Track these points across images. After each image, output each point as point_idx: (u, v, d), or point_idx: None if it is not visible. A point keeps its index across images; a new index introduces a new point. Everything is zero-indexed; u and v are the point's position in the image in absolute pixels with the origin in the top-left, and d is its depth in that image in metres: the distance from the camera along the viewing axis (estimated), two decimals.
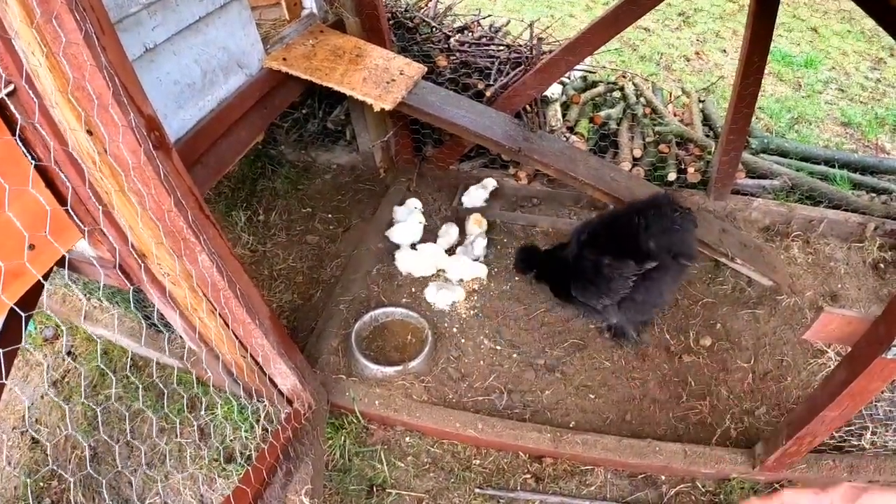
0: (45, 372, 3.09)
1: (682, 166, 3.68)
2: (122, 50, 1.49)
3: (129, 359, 3.04)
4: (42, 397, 2.98)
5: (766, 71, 3.12)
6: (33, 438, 2.84)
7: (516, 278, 3.26)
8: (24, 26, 1.24)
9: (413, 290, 3.24)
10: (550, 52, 3.60)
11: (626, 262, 2.58)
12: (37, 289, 1.53)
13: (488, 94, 3.54)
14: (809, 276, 3.32)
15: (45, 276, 1.49)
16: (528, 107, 3.64)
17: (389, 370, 2.74)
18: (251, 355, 2.24)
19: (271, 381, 2.36)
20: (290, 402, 2.44)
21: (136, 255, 1.77)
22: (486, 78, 3.67)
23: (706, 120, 4.17)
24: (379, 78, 3.01)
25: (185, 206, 1.72)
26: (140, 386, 2.86)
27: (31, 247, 1.41)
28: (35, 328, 3.23)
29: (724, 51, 6.13)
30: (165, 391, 2.76)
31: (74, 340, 3.21)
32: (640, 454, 2.45)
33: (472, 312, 3.11)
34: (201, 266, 1.85)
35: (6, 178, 1.31)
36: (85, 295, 3.17)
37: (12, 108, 1.34)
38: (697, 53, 6.08)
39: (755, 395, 2.76)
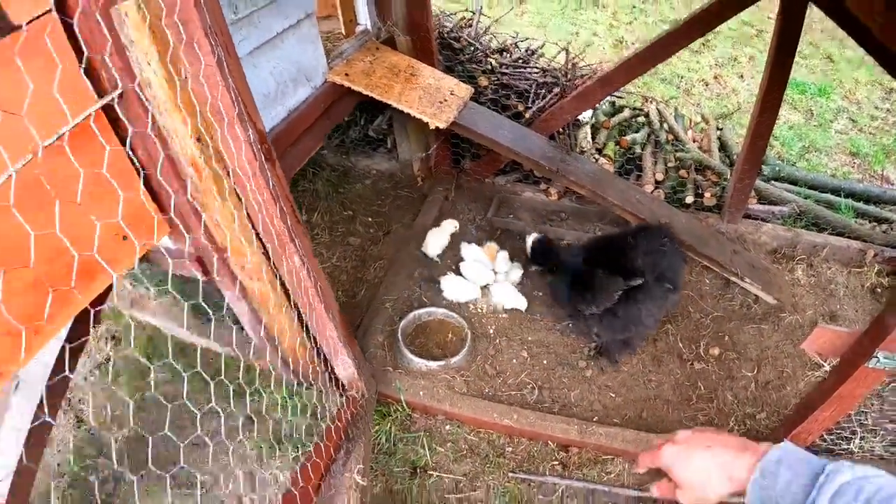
0: (89, 354, 3.21)
1: (700, 191, 3.93)
2: (243, 70, 1.67)
3: (174, 345, 3.17)
4: (85, 379, 3.13)
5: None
6: (77, 417, 2.97)
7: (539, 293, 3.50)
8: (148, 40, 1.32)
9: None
10: (583, 76, 3.87)
11: (615, 277, 2.80)
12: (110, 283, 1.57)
13: (527, 115, 3.80)
14: (811, 297, 3.56)
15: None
16: (560, 129, 3.91)
17: (433, 364, 3.00)
18: (318, 346, 2.47)
19: (332, 370, 2.60)
20: (346, 389, 2.68)
21: (215, 251, 1.89)
22: (524, 100, 3.93)
23: (723, 147, 4.43)
24: (433, 97, 3.26)
25: (285, 211, 1.95)
26: (186, 370, 2.89)
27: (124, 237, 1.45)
28: None
29: (741, 76, 6.36)
30: (222, 373, 2.79)
31: (118, 326, 3.36)
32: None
33: (506, 316, 3.37)
34: (294, 266, 2.07)
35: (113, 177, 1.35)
36: (130, 283, 3.30)
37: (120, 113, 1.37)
38: (716, 77, 6.32)
39: (757, 401, 3.01)
